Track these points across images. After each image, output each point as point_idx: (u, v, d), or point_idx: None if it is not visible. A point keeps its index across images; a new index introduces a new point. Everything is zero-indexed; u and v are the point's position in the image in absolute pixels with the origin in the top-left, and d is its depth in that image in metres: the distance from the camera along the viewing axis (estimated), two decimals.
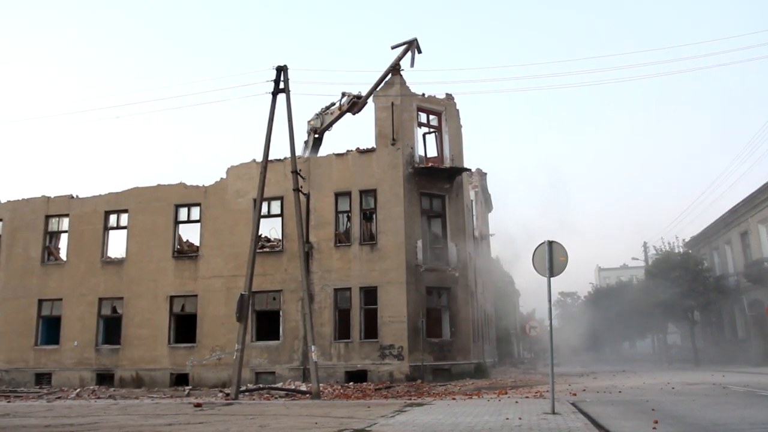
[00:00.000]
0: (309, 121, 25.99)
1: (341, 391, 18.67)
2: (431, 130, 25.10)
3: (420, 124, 24.49)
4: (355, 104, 24.54)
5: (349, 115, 25.08)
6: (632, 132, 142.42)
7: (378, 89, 24.01)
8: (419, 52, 23.91)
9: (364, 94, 24.33)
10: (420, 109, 24.42)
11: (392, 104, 23.42)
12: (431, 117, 24.97)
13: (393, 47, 23.91)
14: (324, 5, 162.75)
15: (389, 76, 24.02)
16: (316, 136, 25.88)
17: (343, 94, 24.77)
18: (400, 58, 23.91)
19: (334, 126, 25.76)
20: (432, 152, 25.14)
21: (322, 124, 25.74)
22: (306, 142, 25.86)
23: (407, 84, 24.06)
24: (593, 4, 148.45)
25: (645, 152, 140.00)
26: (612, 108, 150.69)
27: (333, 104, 25.45)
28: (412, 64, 23.97)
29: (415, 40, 23.73)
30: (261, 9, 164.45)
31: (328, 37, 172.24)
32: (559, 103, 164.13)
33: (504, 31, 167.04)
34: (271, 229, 24.52)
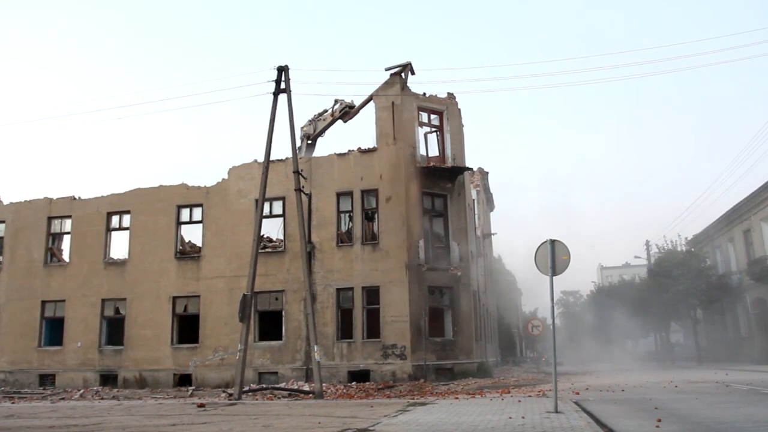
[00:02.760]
0: (302, 128, 26.16)
1: (344, 390, 18.68)
2: (433, 129, 25.12)
3: (421, 124, 24.52)
4: (347, 113, 24.90)
5: (347, 121, 25.31)
6: (634, 130, 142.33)
7: (377, 89, 24.07)
8: (412, 74, 24.36)
9: (360, 98, 24.53)
10: (421, 109, 24.45)
11: (392, 103, 23.45)
12: (432, 116, 24.98)
13: (387, 69, 24.19)
14: (325, 4, 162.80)
15: (381, 86, 24.23)
16: (309, 142, 26.07)
17: (336, 101, 25.05)
18: (393, 76, 24.10)
19: (327, 132, 26.02)
20: (434, 151, 25.15)
21: (314, 131, 25.97)
22: (299, 148, 25.99)
23: (408, 84, 24.10)
24: (595, 3, 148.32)
25: (647, 150, 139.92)
26: (613, 106, 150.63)
27: (326, 111, 25.75)
28: (404, 84, 24.21)
29: (409, 63, 24.19)
30: (262, 10, 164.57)
31: (330, 36, 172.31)
32: (560, 101, 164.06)
33: (504, 32, 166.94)
34: (279, 229, 24.60)
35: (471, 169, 25.84)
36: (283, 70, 18.27)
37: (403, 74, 24.06)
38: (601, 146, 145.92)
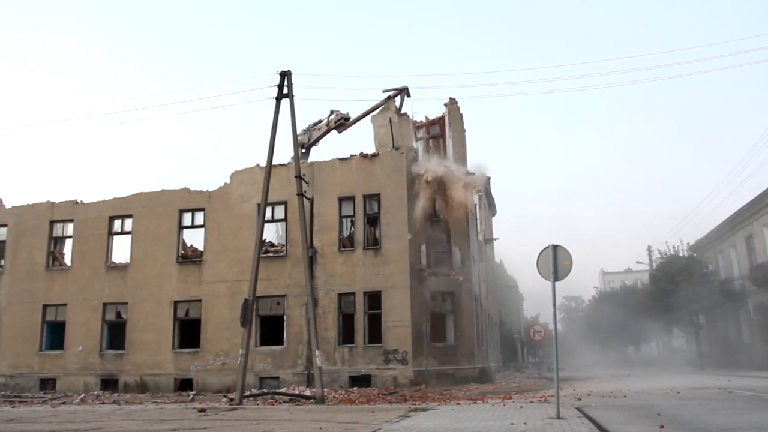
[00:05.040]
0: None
1: (345, 396, 18.64)
2: (433, 136, 25.32)
3: (419, 139, 24.90)
4: (342, 124, 25.12)
5: (341, 132, 25.52)
6: (636, 134, 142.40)
7: (374, 113, 24.36)
8: (408, 96, 24.56)
9: (362, 104, 24.79)
10: (419, 126, 24.92)
11: (390, 120, 23.74)
12: (432, 125, 25.22)
13: (384, 91, 24.39)
14: (327, 8, 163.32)
15: (378, 110, 24.46)
16: (303, 150, 26.18)
17: (332, 112, 25.21)
18: (389, 99, 24.24)
19: (320, 141, 26.16)
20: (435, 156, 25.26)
21: (309, 140, 26.06)
22: (293, 158, 26.09)
23: (408, 93, 24.45)
24: (597, 4, 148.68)
25: (650, 154, 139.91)
26: (615, 110, 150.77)
27: (320, 121, 25.88)
28: (400, 109, 24.39)
29: (406, 87, 24.54)
30: (265, 14, 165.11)
31: (332, 40, 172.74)
32: (562, 106, 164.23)
33: (505, 34, 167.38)
34: (275, 233, 24.57)
35: (472, 173, 25.85)
36: (285, 75, 18.35)
37: (399, 97, 24.33)
38: (603, 150, 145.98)
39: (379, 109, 24.30)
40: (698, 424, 9.49)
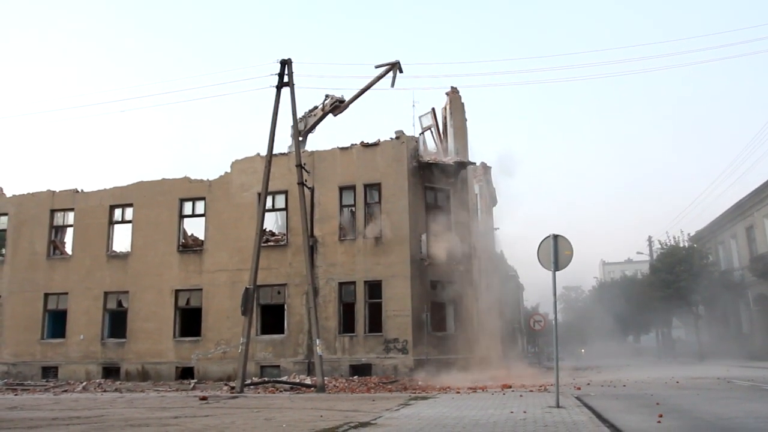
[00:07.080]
0: (292, 126, 26.19)
1: (346, 384, 18.74)
2: (432, 126, 25.28)
3: (424, 129, 24.96)
4: (337, 107, 24.94)
5: (336, 115, 25.37)
6: (638, 124, 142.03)
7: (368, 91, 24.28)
8: (401, 72, 24.24)
9: (354, 91, 24.57)
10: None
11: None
12: (436, 112, 25.16)
13: (377, 66, 24.11)
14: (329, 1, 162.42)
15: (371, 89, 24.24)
16: (300, 138, 26.08)
17: (326, 96, 25.10)
18: (380, 77, 23.98)
19: (317, 127, 26.01)
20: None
21: (305, 126, 25.94)
22: (290, 147, 26.02)
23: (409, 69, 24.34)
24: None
25: (652, 144, 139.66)
26: (616, 101, 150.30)
27: (316, 107, 25.78)
28: (392, 84, 24.09)
29: (398, 62, 24.10)
30: (266, 2, 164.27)
31: (333, 30, 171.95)
32: (561, 95, 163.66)
33: (506, 26, 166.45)
34: (275, 223, 24.53)
35: (474, 163, 25.83)
36: (286, 64, 18.31)
37: (391, 72, 24.06)
38: (604, 140, 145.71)
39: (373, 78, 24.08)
40: (697, 413, 9.53)
